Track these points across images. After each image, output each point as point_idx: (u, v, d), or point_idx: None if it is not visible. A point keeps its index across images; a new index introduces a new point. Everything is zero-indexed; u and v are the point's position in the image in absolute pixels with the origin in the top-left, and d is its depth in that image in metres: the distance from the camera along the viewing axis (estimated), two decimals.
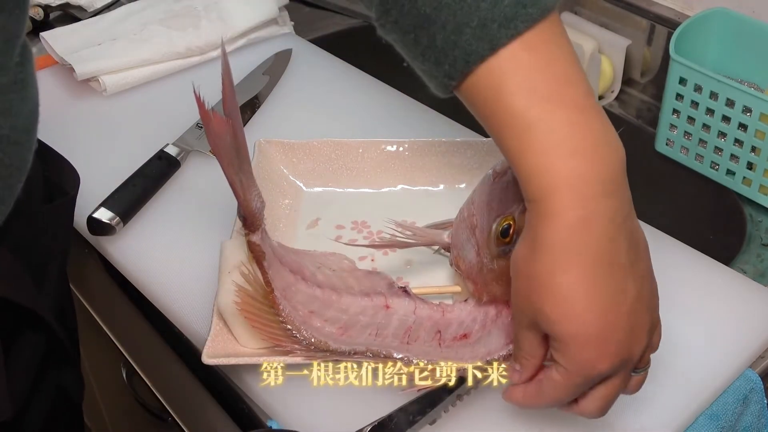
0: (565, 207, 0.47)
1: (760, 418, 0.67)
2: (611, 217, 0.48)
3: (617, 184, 0.49)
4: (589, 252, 0.47)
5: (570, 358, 0.49)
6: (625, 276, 0.49)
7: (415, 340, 0.61)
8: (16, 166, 0.53)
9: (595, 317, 0.48)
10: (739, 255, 0.79)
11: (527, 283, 0.50)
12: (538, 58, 0.48)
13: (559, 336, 0.49)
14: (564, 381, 0.50)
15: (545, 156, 0.48)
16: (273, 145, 0.79)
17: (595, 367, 0.49)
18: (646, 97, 0.99)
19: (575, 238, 0.47)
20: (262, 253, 0.60)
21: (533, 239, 0.49)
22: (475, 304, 0.63)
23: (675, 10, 0.96)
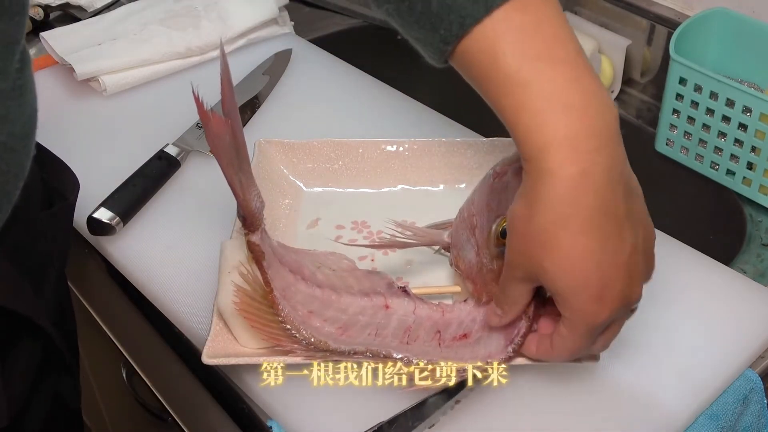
0: (561, 163, 0.48)
1: (760, 418, 0.67)
2: (606, 170, 0.49)
3: (611, 138, 0.49)
4: (587, 206, 0.48)
5: (573, 310, 0.51)
6: (622, 226, 0.50)
7: (415, 340, 0.61)
8: (13, 172, 0.53)
9: (594, 270, 0.49)
10: (739, 255, 0.79)
11: (525, 240, 0.51)
12: (529, 19, 0.49)
13: (561, 290, 0.50)
14: (571, 334, 0.52)
15: (539, 114, 0.49)
16: (273, 145, 0.79)
17: (598, 317, 0.51)
18: (646, 97, 0.99)
19: (572, 193, 0.48)
20: (261, 253, 0.60)
21: (530, 197, 0.50)
22: (475, 304, 0.63)
23: (675, 10, 0.96)
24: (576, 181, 0.48)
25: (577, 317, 0.51)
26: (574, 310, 0.51)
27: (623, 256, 0.50)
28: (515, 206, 0.51)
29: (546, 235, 0.49)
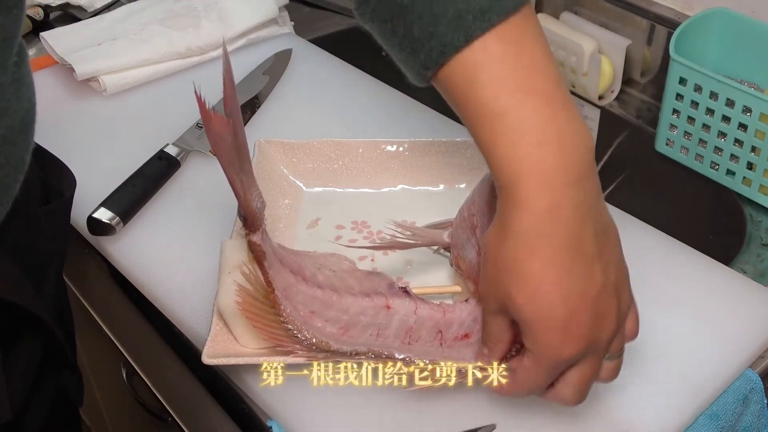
0: (531, 195, 0.49)
1: (760, 418, 0.67)
2: (577, 205, 0.49)
3: (583, 173, 0.50)
4: (556, 238, 0.49)
5: (536, 341, 0.50)
6: (592, 262, 0.50)
7: (417, 341, 0.61)
8: (12, 165, 0.53)
9: (559, 301, 0.49)
10: (739, 255, 0.79)
11: (495, 267, 0.51)
12: (509, 50, 0.49)
13: (525, 320, 0.50)
14: (534, 366, 0.51)
15: (513, 146, 0.49)
16: (273, 145, 0.79)
17: (561, 351, 0.50)
18: (646, 97, 0.99)
19: (542, 225, 0.49)
20: (262, 253, 0.60)
21: (503, 225, 0.50)
22: (476, 304, 0.63)
23: (675, 10, 0.96)
24: (546, 213, 0.48)
25: (540, 348, 0.50)
26: (537, 340, 0.50)
27: (591, 292, 0.50)
28: (489, 232, 0.52)
29: (515, 263, 0.49)
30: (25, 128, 0.55)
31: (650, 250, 0.73)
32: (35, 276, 0.62)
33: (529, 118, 0.49)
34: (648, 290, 0.69)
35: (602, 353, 0.52)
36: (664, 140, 0.89)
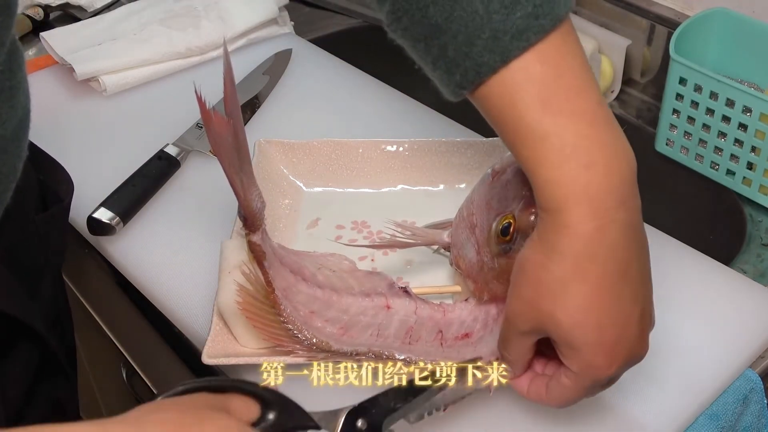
0: (580, 219, 0.47)
1: (760, 418, 0.67)
2: (624, 227, 0.48)
3: (629, 194, 0.49)
4: (604, 262, 0.48)
5: (581, 363, 0.50)
6: (636, 284, 0.50)
7: (417, 341, 0.61)
8: (4, 173, 0.53)
9: (611, 326, 0.49)
10: (739, 255, 0.79)
11: (536, 288, 0.50)
12: (549, 70, 0.48)
13: (572, 342, 0.49)
14: (573, 385, 0.51)
15: (558, 169, 0.48)
16: (273, 145, 0.79)
17: (605, 372, 0.50)
18: (646, 97, 0.99)
19: (591, 249, 0.48)
20: (262, 253, 0.60)
21: (547, 247, 0.49)
22: (476, 304, 0.63)
23: (675, 10, 0.96)
24: (594, 237, 0.48)
25: (585, 371, 0.50)
26: (583, 363, 0.50)
27: (636, 315, 0.50)
28: (528, 251, 0.50)
29: (562, 286, 0.48)
30: (18, 136, 0.54)
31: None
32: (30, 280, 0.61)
33: (573, 141, 0.48)
34: None
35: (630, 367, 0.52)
36: (664, 140, 0.89)
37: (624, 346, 0.50)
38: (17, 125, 0.54)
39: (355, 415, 0.49)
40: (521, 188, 0.59)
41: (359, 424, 0.49)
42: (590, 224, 0.48)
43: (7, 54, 0.51)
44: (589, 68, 0.50)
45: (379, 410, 0.51)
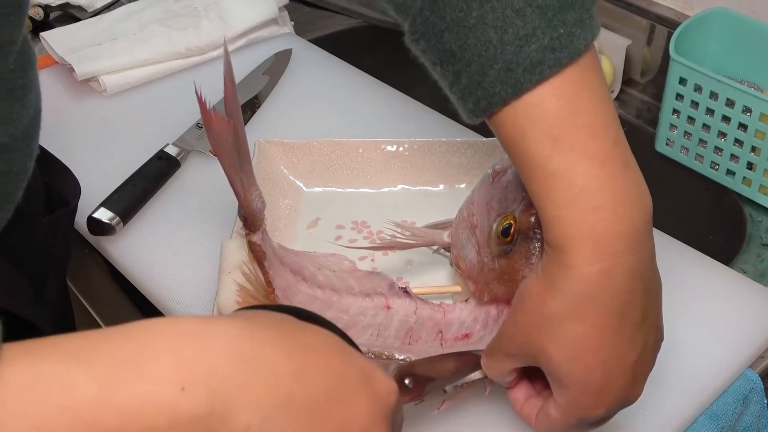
0: (584, 260, 0.47)
1: (760, 418, 0.67)
2: (630, 272, 0.47)
3: (639, 239, 0.48)
4: (604, 305, 0.47)
5: (568, 401, 0.50)
6: (636, 330, 0.49)
7: (417, 341, 0.61)
8: (15, 172, 0.53)
9: (600, 367, 0.48)
10: (739, 255, 0.79)
11: (532, 319, 0.49)
12: (564, 105, 0.47)
13: (559, 379, 0.49)
14: (560, 419, 0.51)
15: (566, 208, 0.47)
16: (273, 145, 0.79)
17: (592, 413, 0.50)
18: (646, 97, 0.99)
19: (592, 290, 0.47)
20: (262, 254, 0.60)
21: (548, 282, 0.48)
22: (476, 304, 0.63)
23: (675, 10, 0.96)
24: (596, 279, 0.47)
25: (571, 408, 0.50)
26: (569, 400, 0.50)
27: (631, 358, 0.49)
28: (530, 281, 0.50)
29: (557, 322, 0.48)
30: (29, 135, 0.54)
31: None
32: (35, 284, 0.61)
33: (582, 182, 0.47)
34: None
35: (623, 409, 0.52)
36: (664, 140, 0.89)
37: (613, 389, 0.49)
38: (28, 124, 0.54)
39: (404, 370, 0.50)
40: (522, 189, 0.58)
41: (406, 381, 0.50)
42: (594, 266, 0.47)
43: (18, 53, 0.51)
44: (610, 104, 0.49)
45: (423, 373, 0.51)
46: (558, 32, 0.46)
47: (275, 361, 0.37)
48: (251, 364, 0.37)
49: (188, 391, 0.34)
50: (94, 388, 0.33)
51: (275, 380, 0.37)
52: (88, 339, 0.35)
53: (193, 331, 0.36)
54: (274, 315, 0.42)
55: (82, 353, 0.34)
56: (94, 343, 0.34)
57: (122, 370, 0.34)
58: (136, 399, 0.33)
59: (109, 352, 0.34)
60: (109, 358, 0.34)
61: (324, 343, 0.41)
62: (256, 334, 0.38)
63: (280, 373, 0.37)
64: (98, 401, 0.33)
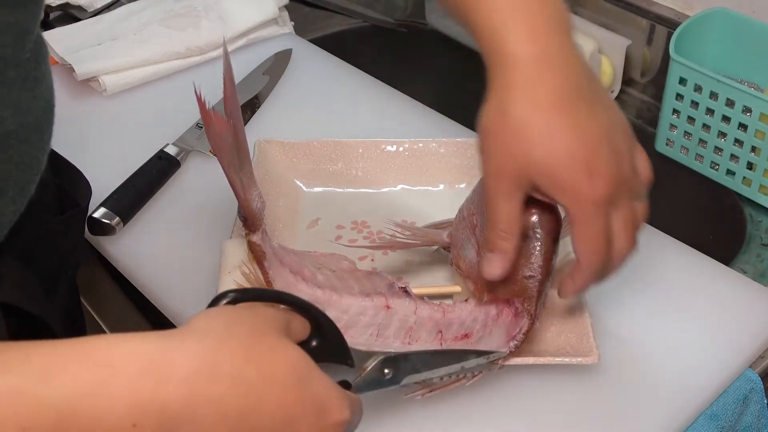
0: (520, 42, 0.50)
1: (760, 418, 0.67)
2: (566, 53, 0.51)
3: (565, 25, 0.52)
4: (553, 84, 0.50)
5: (568, 191, 0.51)
6: (592, 104, 0.51)
7: (417, 341, 0.61)
8: (26, 164, 0.53)
9: (577, 143, 0.50)
10: (739, 255, 0.79)
11: (504, 137, 0.52)
12: None
13: (549, 172, 0.51)
14: (583, 224, 0.52)
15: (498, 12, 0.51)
16: (273, 145, 0.79)
17: (594, 191, 0.51)
18: (646, 97, 0.99)
19: (536, 73, 0.50)
20: (262, 253, 0.61)
21: (499, 95, 0.51)
22: (476, 304, 0.63)
23: (675, 10, 0.96)
24: (538, 60, 0.50)
25: (576, 198, 0.51)
26: (568, 190, 0.51)
27: (602, 129, 0.51)
28: (485, 115, 0.52)
29: (522, 122, 0.50)
30: (41, 128, 0.54)
31: (650, 250, 0.73)
32: (47, 284, 0.61)
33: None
34: (648, 290, 0.69)
35: (629, 192, 0.53)
36: (664, 140, 0.89)
37: (599, 159, 0.51)
38: (40, 116, 0.54)
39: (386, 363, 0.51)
40: None
41: (386, 371, 0.51)
42: (531, 47, 0.50)
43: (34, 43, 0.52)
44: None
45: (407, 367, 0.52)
46: None
47: (227, 399, 0.39)
48: (203, 401, 0.38)
49: (139, 427, 0.37)
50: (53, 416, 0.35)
51: (224, 418, 0.39)
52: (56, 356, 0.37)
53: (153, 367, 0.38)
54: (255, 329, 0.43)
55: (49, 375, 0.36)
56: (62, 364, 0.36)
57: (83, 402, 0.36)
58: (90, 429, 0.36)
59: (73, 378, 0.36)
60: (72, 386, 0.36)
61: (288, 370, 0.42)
62: (217, 369, 0.39)
63: (228, 413, 0.39)
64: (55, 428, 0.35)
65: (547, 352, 0.60)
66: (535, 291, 0.59)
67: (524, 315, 0.58)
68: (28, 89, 0.52)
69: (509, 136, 0.51)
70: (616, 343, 0.64)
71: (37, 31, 0.53)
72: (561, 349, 0.61)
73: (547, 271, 0.59)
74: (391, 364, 0.52)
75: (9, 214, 0.53)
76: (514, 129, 0.51)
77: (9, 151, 0.51)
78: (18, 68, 0.51)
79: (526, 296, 0.59)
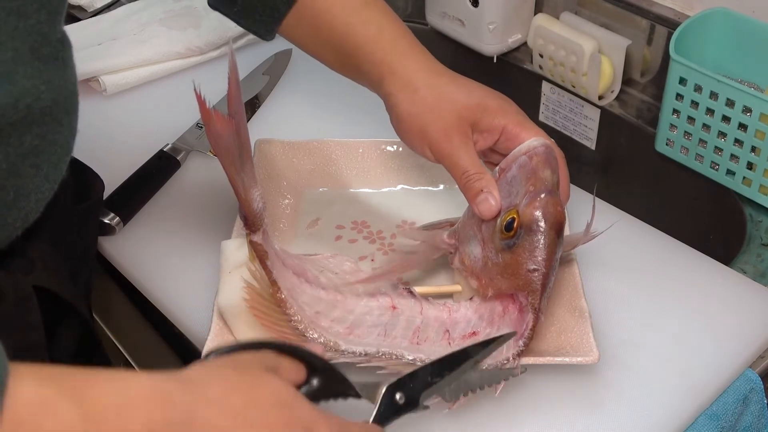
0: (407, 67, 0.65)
1: (760, 418, 0.67)
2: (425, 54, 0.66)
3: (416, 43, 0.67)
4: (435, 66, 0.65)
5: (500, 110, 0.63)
6: None
7: (425, 341, 0.61)
8: (58, 143, 0.55)
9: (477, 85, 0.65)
10: (739, 255, 0.79)
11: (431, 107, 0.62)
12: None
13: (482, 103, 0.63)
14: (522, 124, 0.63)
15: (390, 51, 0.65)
16: (273, 145, 0.79)
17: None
18: (646, 97, 0.99)
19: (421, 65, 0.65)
20: (264, 253, 0.61)
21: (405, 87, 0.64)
22: (481, 302, 0.63)
23: (675, 10, 0.96)
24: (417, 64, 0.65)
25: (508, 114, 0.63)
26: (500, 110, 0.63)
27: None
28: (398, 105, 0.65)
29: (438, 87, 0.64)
30: (69, 110, 0.56)
31: (650, 250, 0.73)
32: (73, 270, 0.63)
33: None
34: (648, 290, 0.69)
35: None
36: (664, 140, 0.89)
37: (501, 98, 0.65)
38: (69, 99, 0.56)
39: (394, 388, 0.51)
40: (524, 184, 0.59)
41: (398, 397, 0.50)
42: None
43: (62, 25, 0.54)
44: None
45: (418, 384, 0.52)
46: None
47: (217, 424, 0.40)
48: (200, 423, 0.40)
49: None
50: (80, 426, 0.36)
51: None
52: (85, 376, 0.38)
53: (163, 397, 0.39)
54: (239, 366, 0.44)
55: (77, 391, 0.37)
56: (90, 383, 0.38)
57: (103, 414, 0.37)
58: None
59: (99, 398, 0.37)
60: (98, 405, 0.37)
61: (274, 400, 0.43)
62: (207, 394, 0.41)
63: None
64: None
65: (547, 352, 0.60)
66: (539, 284, 0.59)
67: (529, 310, 0.59)
68: (59, 68, 0.54)
69: (434, 101, 0.62)
70: (616, 343, 0.64)
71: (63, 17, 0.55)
72: (561, 349, 0.61)
73: (550, 264, 0.59)
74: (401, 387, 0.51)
75: (45, 191, 0.54)
76: (435, 95, 0.62)
77: (43, 128, 0.52)
78: (51, 46, 0.52)
79: (531, 290, 0.59)
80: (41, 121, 0.52)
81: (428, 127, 0.63)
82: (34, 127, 0.51)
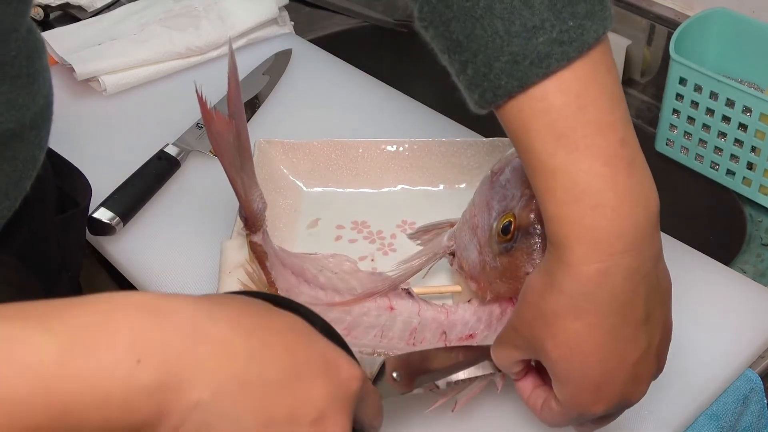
0: (582, 259, 0.46)
1: (760, 418, 0.67)
2: (630, 273, 0.47)
3: (641, 239, 0.47)
4: (603, 304, 0.47)
5: (566, 396, 0.49)
6: (638, 329, 0.48)
7: (421, 342, 0.61)
8: (21, 160, 0.53)
9: (596, 364, 0.48)
10: (739, 255, 0.79)
11: (534, 313, 0.49)
12: (570, 102, 0.46)
13: (557, 375, 0.49)
14: (560, 412, 0.51)
15: (566, 206, 0.46)
16: (273, 145, 0.79)
17: (589, 410, 0.49)
18: (646, 97, 0.99)
19: (590, 290, 0.46)
20: (264, 254, 0.61)
21: (549, 278, 0.48)
22: (479, 304, 0.63)
23: (675, 10, 0.96)
24: (594, 279, 0.46)
25: (569, 403, 0.50)
26: (567, 396, 0.49)
27: (632, 357, 0.48)
28: (533, 276, 0.50)
29: (555, 318, 0.47)
30: (37, 125, 0.54)
31: None
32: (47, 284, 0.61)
33: (584, 180, 0.46)
34: None
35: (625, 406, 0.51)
36: (664, 140, 0.89)
37: (612, 388, 0.48)
38: (37, 113, 0.53)
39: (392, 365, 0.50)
40: (520, 187, 0.59)
41: (394, 375, 0.50)
42: (590, 266, 0.46)
43: (22, 41, 0.51)
44: (620, 100, 0.48)
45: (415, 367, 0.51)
46: (567, 25, 0.45)
47: (231, 340, 0.38)
48: (205, 341, 0.37)
49: (143, 363, 0.35)
50: (53, 353, 0.34)
51: (228, 359, 0.38)
52: (52, 306, 0.36)
53: (153, 307, 0.37)
54: (242, 298, 0.42)
55: (46, 319, 0.35)
56: (58, 311, 0.36)
57: (82, 338, 0.35)
58: (93, 367, 0.34)
59: (70, 320, 0.35)
60: (70, 326, 0.35)
61: (288, 326, 0.42)
62: (214, 314, 0.39)
63: (235, 353, 0.38)
64: (57, 365, 0.34)
65: None
66: None
67: None
68: (22, 87, 0.51)
69: (538, 319, 0.48)
70: None
71: (27, 28, 0.52)
72: None
73: None
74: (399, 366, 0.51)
75: (3, 210, 0.52)
76: (544, 318, 0.48)
77: (3, 149, 0.50)
78: (6, 66, 0.50)
79: None
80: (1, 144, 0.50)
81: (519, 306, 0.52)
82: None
